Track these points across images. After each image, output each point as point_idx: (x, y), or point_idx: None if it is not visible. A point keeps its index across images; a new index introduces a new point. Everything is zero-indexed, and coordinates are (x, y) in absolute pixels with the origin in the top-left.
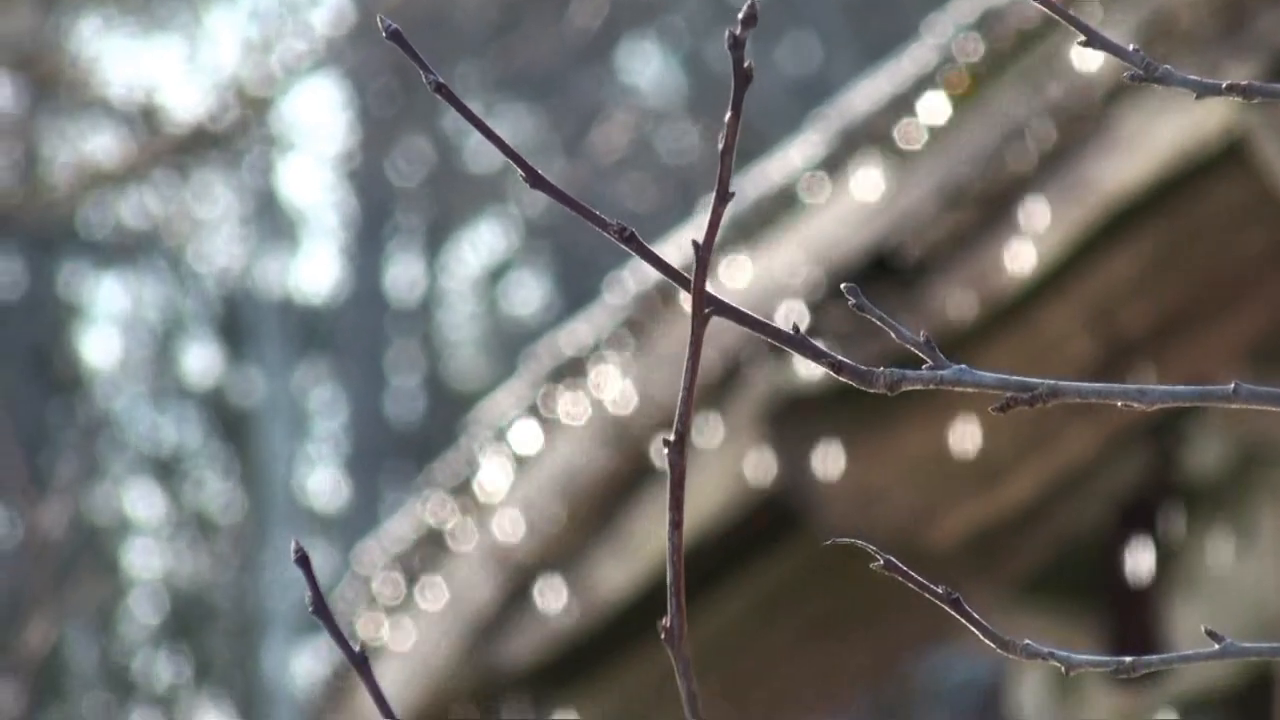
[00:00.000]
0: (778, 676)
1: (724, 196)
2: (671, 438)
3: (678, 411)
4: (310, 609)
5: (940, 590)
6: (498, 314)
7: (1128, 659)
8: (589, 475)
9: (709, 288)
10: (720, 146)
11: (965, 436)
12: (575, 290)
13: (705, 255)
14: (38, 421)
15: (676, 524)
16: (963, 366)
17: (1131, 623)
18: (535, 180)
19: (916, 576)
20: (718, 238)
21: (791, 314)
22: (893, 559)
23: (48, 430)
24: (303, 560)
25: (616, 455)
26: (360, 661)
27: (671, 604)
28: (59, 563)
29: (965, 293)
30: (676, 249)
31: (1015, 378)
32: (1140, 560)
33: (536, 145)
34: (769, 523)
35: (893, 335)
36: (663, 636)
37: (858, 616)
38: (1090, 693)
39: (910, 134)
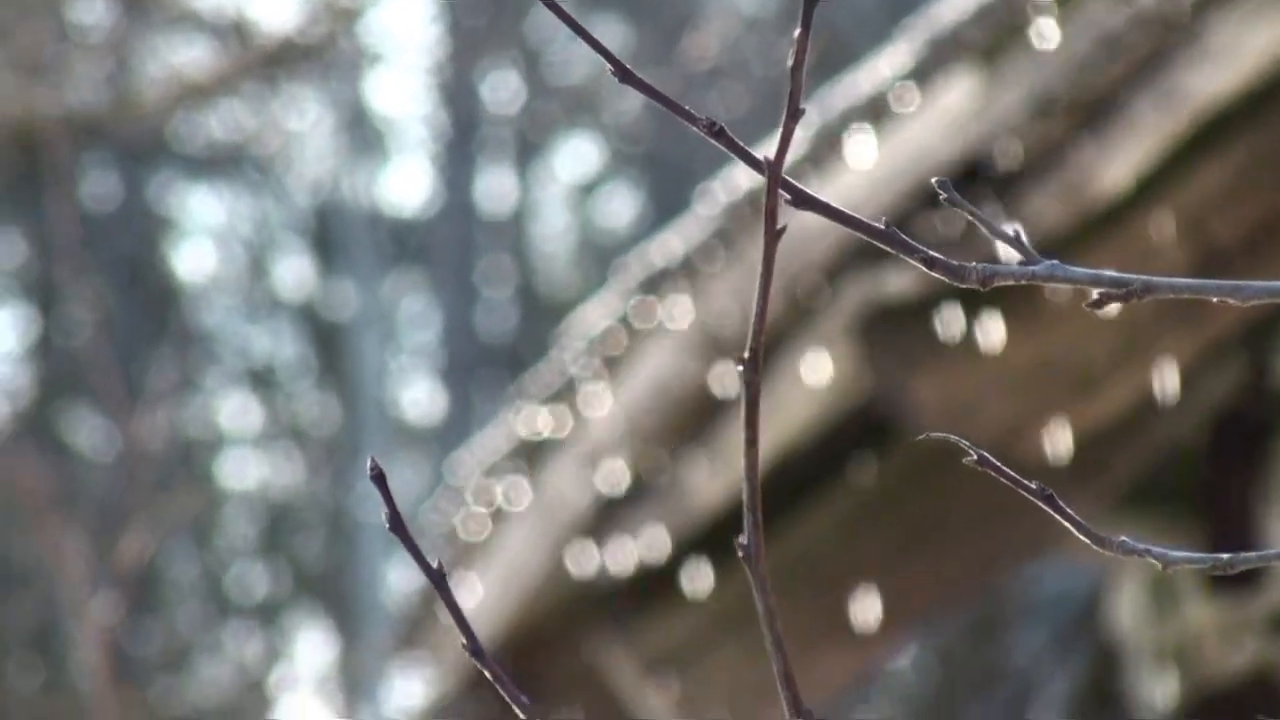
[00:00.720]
0: (875, 585)
1: (795, 114)
2: (746, 356)
3: (751, 329)
4: (388, 526)
5: (1034, 486)
6: (589, 225)
7: (1224, 556)
8: (682, 385)
9: (799, 185)
10: (790, 63)
11: (1060, 345)
12: (667, 201)
13: (776, 172)
14: (132, 334)
15: (752, 442)
16: (1055, 262)
17: (1229, 532)
18: (624, 75)
19: (1010, 473)
20: (808, 149)
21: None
22: (987, 455)
23: (142, 343)
24: (378, 477)
25: (709, 365)
26: (439, 578)
27: (749, 521)
28: (155, 475)
29: (1057, 203)
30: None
31: (1108, 273)
32: (1236, 469)
33: (629, 57)
34: (864, 432)
35: (985, 231)
36: (740, 554)
37: (953, 525)
38: (1187, 605)
39: (999, 44)
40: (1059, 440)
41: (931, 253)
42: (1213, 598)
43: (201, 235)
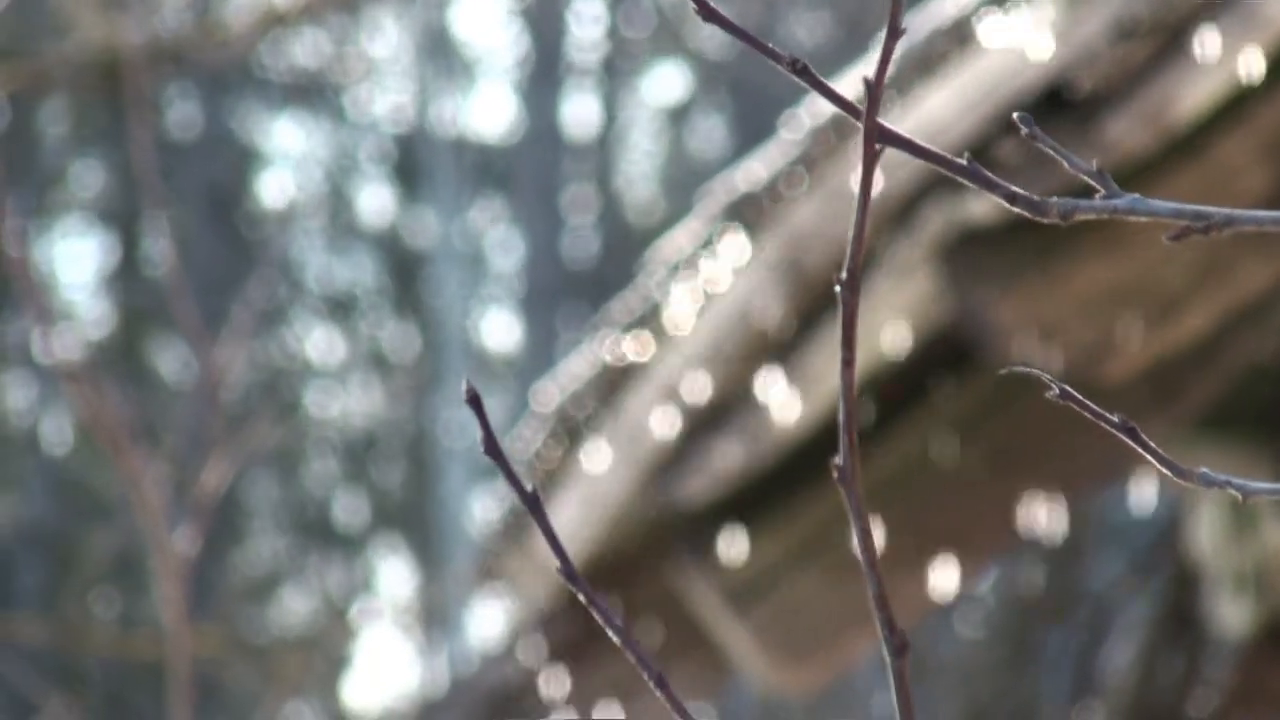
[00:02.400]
0: (956, 511)
1: (895, 32)
2: (844, 275)
3: (849, 249)
4: (482, 449)
5: (1116, 419)
6: (675, 152)
7: None
8: (764, 310)
9: (881, 122)
10: None
11: (1141, 269)
12: (754, 128)
13: (877, 91)
14: (215, 263)
15: (848, 362)
16: (1136, 196)
17: None
18: (708, 14)
19: (1092, 405)
20: (893, 74)
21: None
22: (1068, 388)
23: (225, 271)
24: (474, 400)
25: (792, 290)
26: (533, 501)
27: (844, 442)
28: (237, 404)
29: (1139, 126)
30: (850, 85)
31: (1190, 206)
32: None
33: None
34: (947, 357)
35: (1065, 165)
36: (835, 476)
37: (1036, 450)
38: (1267, 530)
39: None
40: (1140, 363)
41: (1013, 188)
42: None
43: (284, 163)
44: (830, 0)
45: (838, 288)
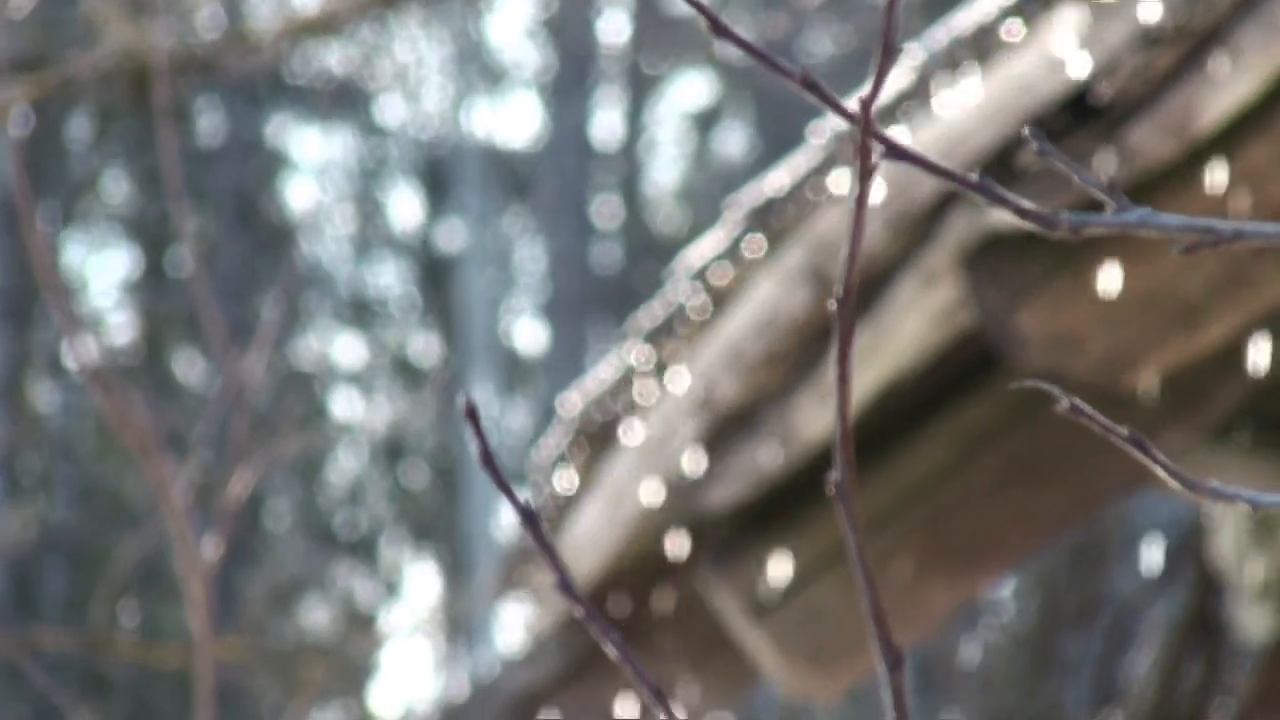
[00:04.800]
0: (977, 518)
1: (890, 52)
2: (839, 295)
3: (844, 267)
4: (479, 462)
5: (1125, 432)
6: (702, 161)
7: None
8: (790, 317)
9: (893, 136)
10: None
11: (1163, 279)
12: (780, 135)
13: (868, 113)
14: (242, 269)
15: (843, 379)
16: (1147, 210)
17: None
18: (718, 29)
19: (1101, 419)
20: (914, 84)
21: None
22: (1078, 402)
23: (252, 278)
24: (471, 413)
25: (817, 296)
26: (529, 515)
27: (840, 457)
28: (262, 412)
29: (1164, 133)
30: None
31: (1200, 221)
32: None
33: None
34: (970, 364)
35: (1076, 180)
36: (832, 492)
37: (1058, 458)
38: None
39: None
40: (1163, 371)
41: (1023, 204)
42: None
43: (312, 170)
44: (852, 13)
45: (832, 304)
